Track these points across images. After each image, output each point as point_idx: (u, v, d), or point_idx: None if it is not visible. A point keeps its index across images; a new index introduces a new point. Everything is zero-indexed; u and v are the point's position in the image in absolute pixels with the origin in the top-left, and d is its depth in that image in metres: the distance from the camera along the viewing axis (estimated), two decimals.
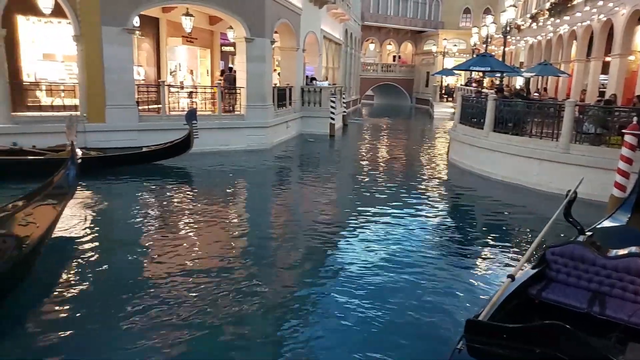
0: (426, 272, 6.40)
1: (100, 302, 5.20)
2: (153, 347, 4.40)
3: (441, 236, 8.15)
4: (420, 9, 47.15)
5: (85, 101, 12.88)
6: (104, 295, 5.40)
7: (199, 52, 20.61)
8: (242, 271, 6.26)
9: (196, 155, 13.00)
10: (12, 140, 11.24)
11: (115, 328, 4.71)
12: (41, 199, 6.40)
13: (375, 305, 5.37)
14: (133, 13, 13.18)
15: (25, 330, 4.67)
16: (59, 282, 5.72)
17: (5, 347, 4.39)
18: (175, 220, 8.52)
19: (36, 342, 4.45)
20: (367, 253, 7.04)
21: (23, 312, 4.92)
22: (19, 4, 12.30)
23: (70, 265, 6.20)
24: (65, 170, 7.16)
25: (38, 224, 5.81)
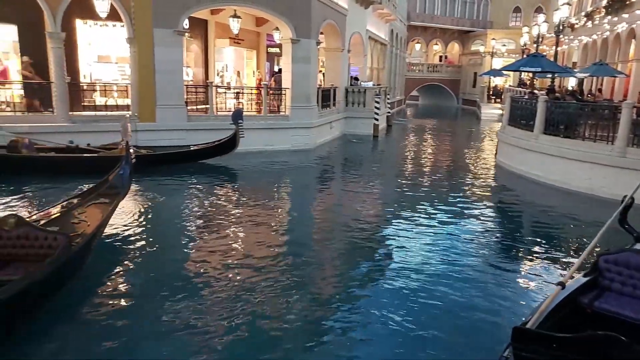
0: (470, 276, 6.26)
1: (145, 300, 5.33)
2: (193, 346, 4.49)
3: (486, 240, 7.94)
4: (468, 9, 46.12)
5: (137, 101, 13.36)
6: (149, 292, 5.53)
7: (246, 54, 20.98)
8: (284, 270, 6.31)
9: (241, 154, 13.22)
10: (69, 138, 11.77)
11: (159, 325, 4.84)
12: (95, 197, 6.69)
13: (417, 309, 5.30)
14: (183, 15, 13.56)
15: (72, 326, 4.82)
16: (109, 279, 5.89)
17: (52, 340, 4.51)
18: (220, 218, 8.68)
19: (81, 339, 4.59)
20: (409, 256, 6.96)
21: (71, 309, 5.07)
22: (77, 8, 12.90)
23: (120, 262, 6.38)
24: (120, 169, 7.35)
25: (90, 222, 6.02)
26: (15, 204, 8.92)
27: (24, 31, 13.71)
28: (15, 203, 9.01)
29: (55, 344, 4.45)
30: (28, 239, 5.04)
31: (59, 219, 6.03)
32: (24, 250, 5.02)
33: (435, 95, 47.11)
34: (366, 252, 7.21)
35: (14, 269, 4.76)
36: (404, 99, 41.29)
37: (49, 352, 4.35)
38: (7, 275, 4.58)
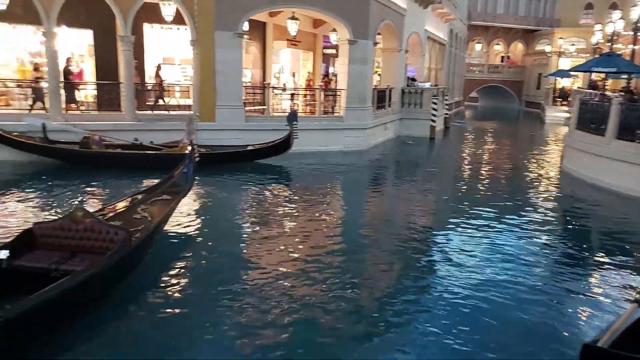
0: (533, 289, 5.96)
1: (199, 296, 5.48)
2: (245, 343, 4.58)
3: (552, 252, 7.52)
4: (533, 7, 44.13)
5: (198, 101, 13.80)
6: (203, 288, 5.67)
7: (302, 55, 21.18)
8: (335, 271, 6.32)
9: (295, 155, 13.35)
10: (135, 136, 12.34)
11: (212, 321, 4.95)
12: (159, 193, 6.94)
13: (474, 321, 5.11)
14: (243, 18, 13.88)
15: (128, 318, 5.02)
16: (167, 273, 6.09)
17: (108, 331, 4.72)
18: (273, 217, 8.83)
19: (136, 331, 4.78)
20: (465, 264, 6.74)
21: (130, 301, 5.29)
22: (146, 13, 13.53)
23: (178, 257, 6.62)
24: (184, 167, 7.56)
25: (152, 217, 6.25)
26: (84, 197, 9.51)
27: (98, 35, 14.57)
28: (84, 195, 9.61)
29: (111, 336, 4.65)
30: (93, 232, 5.30)
31: (123, 214, 6.31)
32: (89, 243, 5.27)
33: (495, 96, 45.54)
34: (418, 259, 7.08)
35: (79, 260, 5.01)
36: (462, 101, 40.20)
37: (106, 342, 4.52)
38: (73, 266, 4.84)
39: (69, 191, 9.78)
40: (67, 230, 5.31)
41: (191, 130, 8.17)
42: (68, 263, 4.92)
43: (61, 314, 4.40)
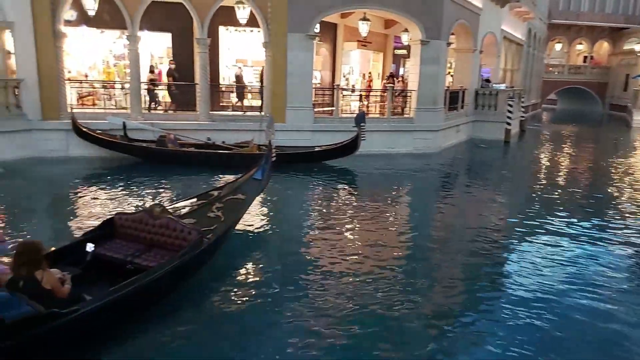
0: (612, 304, 5.50)
1: (263, 296, 5.48)
2: (305, 344, 4.54)
3: (636, 266, 6.90)
4: (622, 3, 41.00)
5: (269, 102, 14.04)
6: (268, 288, 5.68)
7: (372, 56, 21.00)
8: (401, 276, 6.17)
9: (362, 156, 13.21)
10: (208, 135, 12.78)
11: (275, 319, 4.97)
12: (233, 192, 7.03)
13: (544, 335, 4.81)
14: (315, 20, 13.95)
15: (195, 313, 5.09)
16: (235, 270, 6.20)
17: (168, 327, 4.79)
18: (339, 219, 8.75)
19: (199, 326, 4.83)
20: (536, 275, 6.34)
21: (198, 297, 5.39)
22: (221, 16, 13.96)
23: (246, 255, 6.71)
24: (260, 166, 7.61)
25: (225, 217, 6.33)
26: (159, 191, 9.94)
27: (176, 38, 15.25)
28: (160, 190, 10.05)
29: (170, 332, 4.71)
30: (168, 229, 5.44)
31: (198, 211, 6.46)
32: (163, 238, 5.43)
33: (576, 99, 42.83)
34: (487, 267, 6.73)
35: (154, 255, 5.20)
36: (539, 103, 38.17)
37: (165, 338, 4.58)
38: (147, 260, 5.04)
39: (146, 186, 10.27)
40: (144, 224, 5.52)
41: (270, 130, 8.28)
42: (142, 257, 5.13)
43: (132, 309, 4.58)
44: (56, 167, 11.71)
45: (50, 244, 5.71)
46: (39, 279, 3.84)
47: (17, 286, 3.74)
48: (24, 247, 3.94)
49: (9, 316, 3.36)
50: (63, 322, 3.69)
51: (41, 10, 11.98)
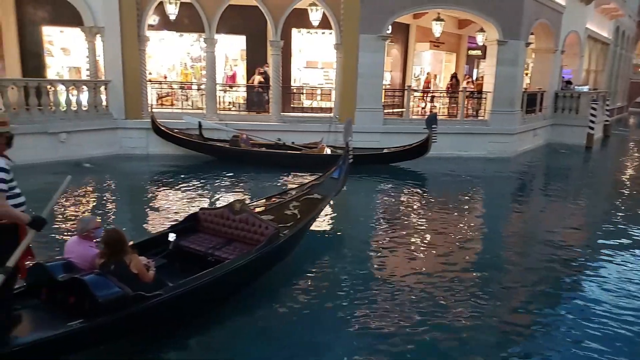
0: None
1: (332, 297, 5.47)
2: (369, 349, 4.48)
3: None
4: None
5: (339, 104, 14.05)
6: (334, 290, 5.67)
7: (444, 57, 20.48)
8: (466, 283, 5.94)
9: (432, 159, 12.88)
10: (278, 136, 13.00)
11: (338, 321, 4.94)
12: (310, 191, 7.17)
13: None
14: (388, 21, 13.79)
15: (268, 309, 5.17)
16: (304, 269, 6.24)
17: (237, 320, 4.89)
18: (405, 222, 8.61)
19: (270, 323, 4.90)
20: (619, 290, 5.86)
21: (270, 293, 5.48)
22: (294, 18, 14.16)
23: (315, 255, 6.70)
24: (337, 167, 7.66)
25: (301, 215, 6.45)
26: (232, 190, 10.25)
27: (250, 40, 15.66)
28: (232, 188, 10.37)
29: (238, 325, 4.81)
30: (247, 224, 5.64)
31: (276, 209, 6.67)
32: (242, 233, 5.63)
33: None
34: (562, 280, 6.31)
35: (233, 248, 5.40)
36: (626, 106, 35.49)
37: (244, 329, 4.73)
38: (226, 254, 5.23)
39: (219, 183, 10.65)
40: (225, 219, 5.77)
41: (348, 131, 8.31)
42: (222, 250, 5.34)
43: (210, 298, 4.77)
44: (137, 163, 12.40)
45: (134, 233, 6.07)
46: (128, 263, 4.17)
47: (109, 269, 4.09)
48: (113, 234, 4.28)
49: (101, 295, 3.69)
50: (147, 304, 3.96)
51: (128, 15, 12.73)
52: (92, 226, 4.58)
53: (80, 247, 4.44)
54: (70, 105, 12.19)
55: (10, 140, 3.47)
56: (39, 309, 3.87)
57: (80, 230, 4.58)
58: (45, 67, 14.86)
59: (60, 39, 15.18)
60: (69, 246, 4.53)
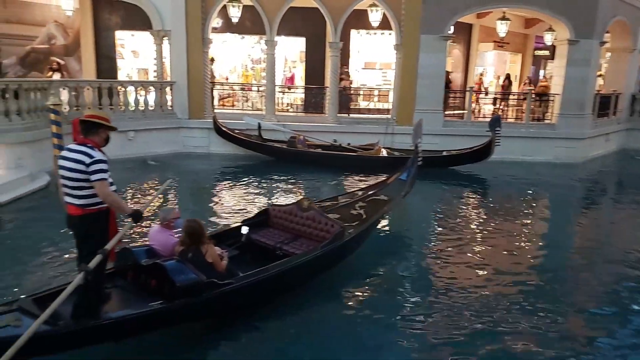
0: None
1: (390, 301, 5.41)
2: (418, 351, 4.41)
3: None
4: None
5: (397, 105, 13.86)
6: (393, 293, 5.61)
7: (509, 57, 19.72)
8: (526, 295, 5.63)
9: (494, 163, 12.41)
10: (334, 137, 13.00)
11: (397, 328, 4.85)
12: (377, 193, 7.22)
13: None
14: (451, 21, 13.45)
15: (325, 308, 5.22)
16: (363, 269, 6.20)
17: (306, 313, 5.00)
18: (465, 228, 8.33)
19: (326, 321, 4.94)
20: None
21: (330, 292, 5.50)
22: (353, 19, 14.13)
23: (374, 258, 6.62)
24: (405, 169, 7.70)
25: (367, 215, 6.50)
26: (289, 190, 10.35)
27: (309, 42, 15.79)
28: (289, 188, 10.47)
29: (307, 320, 4.89)
30: (314, 221, 5.82)
31: (342, 208, 6.78)
32: (309, 230, 5.82)
33: None
34: (633, 297, 5.80)
35: (300, 244, 5.59)
36: None
37: (301, 325, 4.80)
38: (294, 249, 5.43)
39: (276, 183, 10.82)
40: (293, 216, 6.00)
41: (418, 133, 8.22)
42: (290, 245, 5.55)
43: (277, 290, 4.97)
44: (199, 161, 12.82)
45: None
46: (204, 253, 4.46)
47: (186, 257, 4.41)
48: (194, 224, 4.60)
49: (179, 280, 3.99)
50: (220, 291, 4.23)
51: (194, 19, 13.19)
52: (172, 217, 4.93)
53: (162, 236, 4.78)
54: (139, 105, 12.82)
55: (108, 137, 3.88)
56: (125, 289, 4.27)
57: (161, 220, 4.94)
58: (116, 69, 15.72)
59: (130, 42, 16.01)
60: (152, 234, 4.91)
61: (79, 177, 3.57)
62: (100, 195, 3.58)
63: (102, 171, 3.57)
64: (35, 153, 9.79)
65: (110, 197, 3.62)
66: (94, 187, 3.56)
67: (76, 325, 3.63)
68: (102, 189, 3.56)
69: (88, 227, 3.67)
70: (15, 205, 8.16)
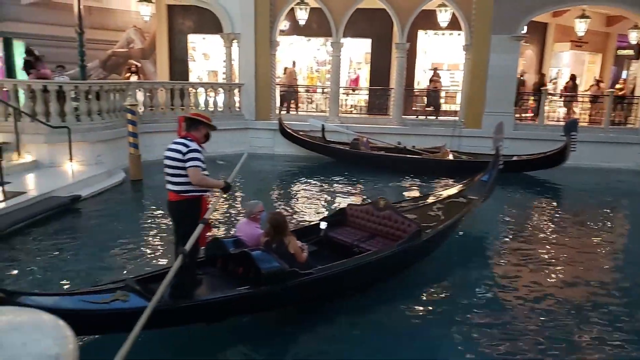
0: None
1: (452, 306, 5.28)
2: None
3: None
4: None
5: (465, 107, 13.47)
6: (458, 297, 5.47)
7: (587, 58, 18.57)
8: (600, 313, 5.19)
9: (569, 169, 11.77)
10: (398, 139, 12.81)
11: (461, 332, 4.71)
12: (456, 195, 7.20)
13: None
14: (524, 20, 12.93)
15: (391, 304, 5.17)
16: (438, 272, 6.14)
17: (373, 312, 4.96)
18: (536, 236, 7.90)
19: (390, 318, 4.92)
20: None
21: (398, 291, 5.46)
22: (421, 19, 13.89)
23: (448, 259, 6.52)
24: (486, 173, 7.64)
25: (445, 217, 6.46)
26: (354, 191, 10.30)
27: (375, 43, 15.69)
28: (353, 190, 10.42)
29: (368, 319, 4.85)
30: (390, 220, 5.90)
31: (419, 209, 6.82)
32: (386, 229, 5.90)
33: None
34: None
35: (375, 242, 5.69)
36: None
37: (367, 324, 4.77)
38: (370, 246, 5.52)
39: (340, 185, 10.81)
40: (370, 215, 6.12)
41: (499, 136, 8.03)
42: (366, 243, 5.65)
43: (353, 284, 5.10)
44: (264, 162, 13.09)
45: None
46: (286, 244, 4.74)
47: (271, 247, 4.72)
48: (278, 217, 4.93)
49: (264, 267, 4.26)
50: (300, 280, 4.45)
51: (262, 22, 13.51)
52: (257, 210, 5.26)
53: (248, 228, 5.14)
54: (208, 106, 13.28)
55: (208, 134, 4.29)
56: (215, 276, 4.61)
57: (247, 213, 5.34)
58: (188, 71, 16.39)
59: (202, 45, 16.64)
60: (239, 226, 5.31)
61: (177, 165, 4.01)
62: (192, 180, 3.98)
63: (196, 159, 3.99)
64: (112, 151, 10.41)
65: (203, 180, 4.04)
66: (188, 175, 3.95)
67: (174, 304, 3.98)
68: (195, 174, 3.97)
69: (183, 212, 4.10)
70: (95, 199, 8.68)
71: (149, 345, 3.96)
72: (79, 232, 7.25)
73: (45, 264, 5.85)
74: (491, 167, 7.65)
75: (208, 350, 4.24)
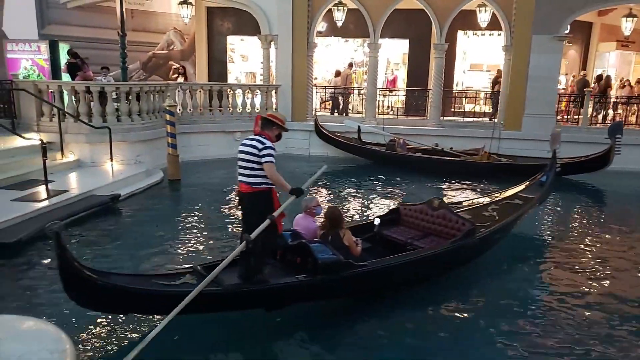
0: None
1: (492, 308, 5.22)
2: None
3: None
4: None
5: (505, 109, 13.20)
6: (499, 301, 5.41)
7: (634, 58, 17.86)
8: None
9: (613, 173, 11.38)
10: (435, 141, 12.66)
11: (492, 339, 4.66)
12: (512, 197, 7.16)
13: None
14: (567, 20, 12.57)
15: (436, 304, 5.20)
16: (489, 275, 6.11)
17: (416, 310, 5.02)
18: (578, 243, 7.63)
19: (423, 321, 4.95)
20: None
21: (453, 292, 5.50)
22: (460, 20, 13.70)
23: (495, 264, 6.45)
24: (543, 174, 7.65)
25: (500, 217, 6.44)
26: (390, 194, 10.25)
27: (413, 44, 15.57)
28: (389, 192, 10.35)
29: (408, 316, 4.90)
30: (444, 219, 5.96)
31: (473, 210, 6.84)
32: (439, 228, 5.96)
33: None
34: None
35: (429, 241, 5.77)
36: None
37: (398, 321, 4.83)
38: (423, 244, 5.62)
39: (377, 186, 10.80)
40: (424, 214, 6.21)
41: (556, 140, 8.03)
42: (420, 241, 5.74)
43: (404, 279, 5.28)
44: (300, 163, 13.10)
45: None
46: (342, 237, 5.04)
47: (327, 239, 5.02)
48: (334, 211, 5.28)
49: (321, 258, 4.52)
50: (355, 271, 4.68)
51: (300, 23, 13.62)
52: (313, 204, 5.52)
53: (305, 221, 5.43)
54: (246, 107, 13.47)
55: (280, 134, 4.60)
56: (274, 266, 4.84)
57: (304, 207, 5.54)
58: (227, 73, 16.68)
59: (240, 46, 16.90)
60: (297, 220, 5.55)
61: (251, 159, 4.32)
62: (268, 174, 4.30)
63: (271, 155, 4.30)
64: (151, 151, 10.69)
65: (276, 176, 4.33)
66: (263, 169, 4.28)
67: (236, 288, 4.28)
68: (270, 169, 4.29)
69: (254, 203, 4.41)
70: (133, 198, 8.86)
71: (209, 327, 4.37)
72: (119, 230, 7.45)
73: (87, 262, 6.06)
74: (549, 168, 7.67)
75: (264, 336, 4.51)
